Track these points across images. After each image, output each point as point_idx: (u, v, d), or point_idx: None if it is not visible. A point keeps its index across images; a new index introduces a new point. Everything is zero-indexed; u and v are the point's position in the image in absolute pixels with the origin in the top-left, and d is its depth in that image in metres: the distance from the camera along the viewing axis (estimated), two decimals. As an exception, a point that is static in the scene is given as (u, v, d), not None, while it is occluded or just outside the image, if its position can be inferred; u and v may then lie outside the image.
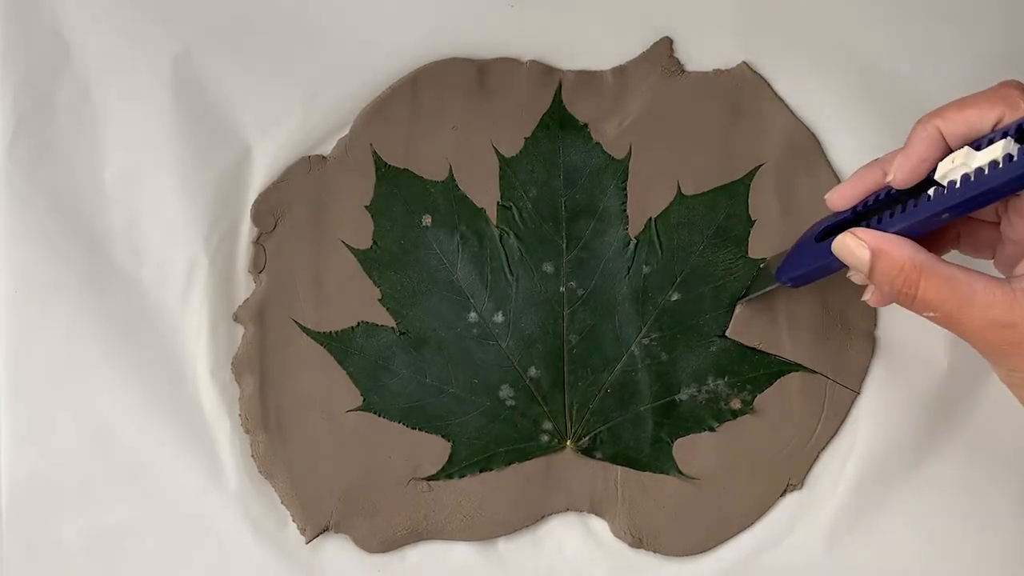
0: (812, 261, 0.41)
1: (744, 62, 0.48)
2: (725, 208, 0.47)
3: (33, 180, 0.48)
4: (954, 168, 0.34)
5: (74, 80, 0.48)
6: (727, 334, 0.46)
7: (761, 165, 0.47)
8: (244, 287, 0.49)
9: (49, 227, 0.48)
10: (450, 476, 0.47)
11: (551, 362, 0.47)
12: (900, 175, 0.36)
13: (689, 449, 0.47)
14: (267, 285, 0.48)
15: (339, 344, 0.48)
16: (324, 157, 0.48)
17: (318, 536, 0.48)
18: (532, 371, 0.47)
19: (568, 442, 0.47)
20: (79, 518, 0.48)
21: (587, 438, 0.47)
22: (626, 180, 0.47)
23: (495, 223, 0.48)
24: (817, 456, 0.47)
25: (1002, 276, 0.35)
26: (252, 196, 0.48)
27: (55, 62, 0.48)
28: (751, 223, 0.47)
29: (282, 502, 0.48)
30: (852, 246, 0.36)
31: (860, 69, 0.48)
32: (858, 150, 0.47)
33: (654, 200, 0.47)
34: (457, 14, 0.48)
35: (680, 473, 0.47)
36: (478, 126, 0.48)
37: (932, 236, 0.37)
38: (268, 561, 0.47)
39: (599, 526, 0.48)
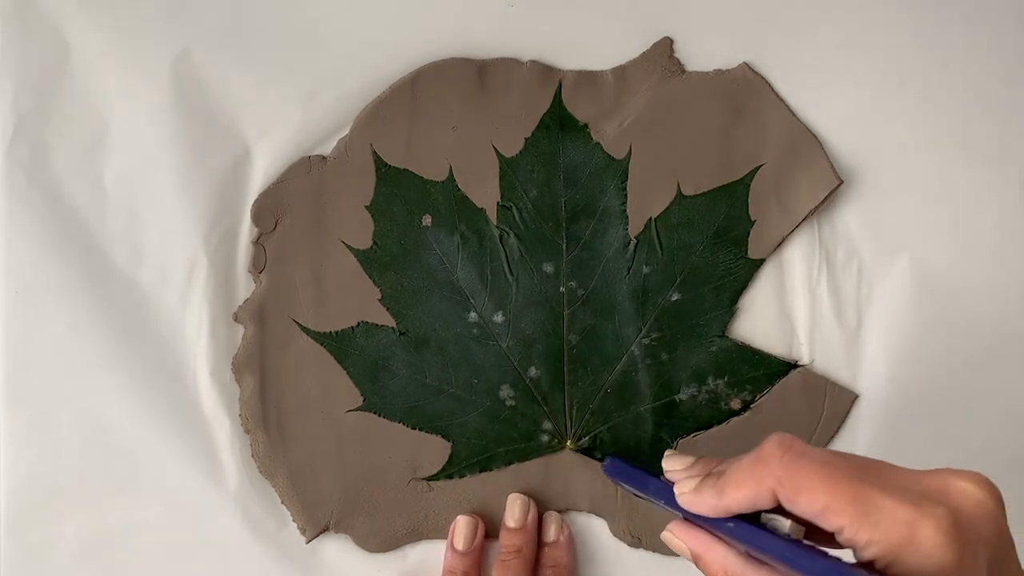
0: (649, 489, 0.40)
1: (744, 62, 0.48)
2: (725, 208, 0.47)
3: (33, 180, 0.48)
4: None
5: (74, 80, 0.48)
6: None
7: (761, 165, 0.47)
8: (244, 287, 0.49)
9: (49, 227, 0.48)
10: (450, 476, 0.48)
11: (551, 362, 0.47)
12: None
13: (689, 449, 0.47)
14: (267, 285, 0.48)
15: (339, 344, 0.48)
16: (324, 157, 0.48)
17: (318, 536, 0.48)
18: (532, 371, 0.47)
19: (568, 442, 0.47)
20: (79, 518, 0.48)
21: (587, 438, 0.47)
22: (626, 180, 0.47)
23: (495, 223, 0.48)
24: (817, 456, 0.47)
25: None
26: (252, 196, 0.48)
27: (55, 62, 0.48)
28: (751, 223, 0.47)
29: (282, 502, 0.48)
30: (674, 543, 0.37)
31: (861, 69, 0.48)
32: (858, 151, 0.47)
33: (654, 200, 0.47)
34: (457, 14, 0.48)
35: (680, 473, 0.47)
36: (478, 126, 0.48)
37: None
38: (268, 561, 0.48)
39: (599, 526, 0.48)
